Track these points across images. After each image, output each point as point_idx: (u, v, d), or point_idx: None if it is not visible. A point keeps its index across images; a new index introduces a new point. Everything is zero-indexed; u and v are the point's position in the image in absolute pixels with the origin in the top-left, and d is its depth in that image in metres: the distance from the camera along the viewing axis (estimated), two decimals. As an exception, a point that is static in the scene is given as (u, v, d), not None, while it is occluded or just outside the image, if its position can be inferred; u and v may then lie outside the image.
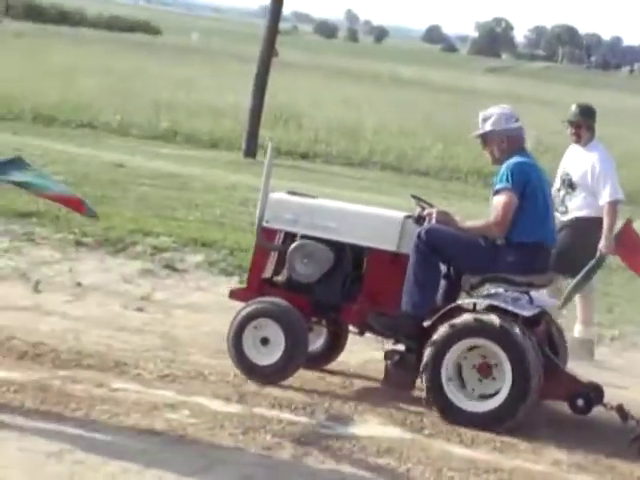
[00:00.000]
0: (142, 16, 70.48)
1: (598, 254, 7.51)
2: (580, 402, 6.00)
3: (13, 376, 5.80)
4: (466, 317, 5.89)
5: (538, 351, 5.90)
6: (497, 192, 6.16)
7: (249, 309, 6.32)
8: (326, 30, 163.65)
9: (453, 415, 5.87)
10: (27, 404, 5.42)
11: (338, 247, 6.40)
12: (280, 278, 6.53)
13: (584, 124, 7.85)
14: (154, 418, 5.42)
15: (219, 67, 39.15)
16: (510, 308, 5.90)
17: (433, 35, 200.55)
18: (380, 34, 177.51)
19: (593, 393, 6.04)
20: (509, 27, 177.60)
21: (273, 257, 6.57)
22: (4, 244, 8.79)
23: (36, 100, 19.97)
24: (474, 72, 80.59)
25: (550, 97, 49.89)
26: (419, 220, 6.35)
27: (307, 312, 6.40)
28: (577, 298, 7.78)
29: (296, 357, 6.24)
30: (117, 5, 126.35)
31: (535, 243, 6.13)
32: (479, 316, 5.89)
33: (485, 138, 6.33)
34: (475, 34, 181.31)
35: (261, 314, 6.28)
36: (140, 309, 7.66)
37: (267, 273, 6.57)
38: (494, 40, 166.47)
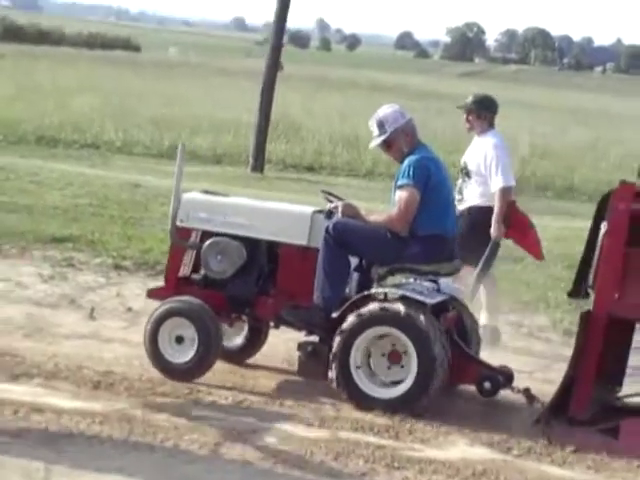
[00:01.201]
0: (117, 33, 70.32)
1: (491, 242, 7.61)
2: (487, 385, 6.17)
3: (95, 407, 5.75)
4: (371, 306, 6.07)
5: (444, 337, 6.06)
6: (399, 187, 6.33)
7: (163, 308, 6.45)
8: (299, 40, 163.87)
9: (361, 401, 6.06)
10: (115, 435, 5.37)
11: (251, 243, 6.55)
12: (196, 276, 6.65)
13: (475, 113, 7.90)
14: (243, 447, 5.37)
15: (205, 81, 39.08)
16: (415, 296, 6.07)
17: (405, 41, 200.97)
18: (353, 42, 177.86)
19: (502, 377, 6.21)
20: (480, 31, 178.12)
21: (189, 256, 6.69)
22: (47, 270, 8.73)
23: (37, 122, 19.87)
24: (448, 77, 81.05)
25: (528, 99, 50.24)
26: (329, 215, 6.50)
27: (223, 308, 6.54)
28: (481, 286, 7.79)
29: (209, 355, 6.37)
30: (87, 22, 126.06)
31: (436, 235, 6.32)
32: (384, 305, 6.06)
33: (389, 141, 6.48)
34: (447, 39, 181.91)
35: (175, 313, 6.40)
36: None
37: (183, 271, 6.69)
38: (466, 45, 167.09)
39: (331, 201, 6.64)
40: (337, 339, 6.10)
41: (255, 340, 6.96)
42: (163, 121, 22.26)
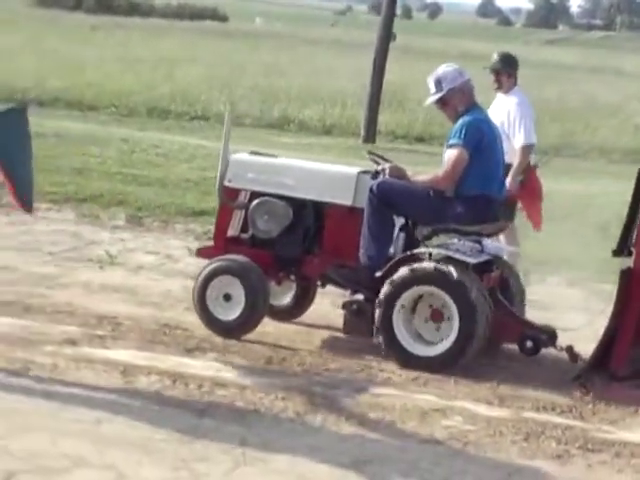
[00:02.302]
0: (203, 3, 70.57)
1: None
2: (529, 344, 6.22)
3: (275, 382, 5.75)
4: (414, 265, 6.12)
5: (486, 296, 6.10)
6: (449, 147, 6.36)
7: (211, 267, 6.54)
8: (380, 9, 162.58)
9: (404, 359, 6.13)
10: (300, 412, 5.35)
11: (297, 203, 6.61)
12: (244, 235, 6.72)
13: (504, 71, 7.93)
14: (431, 426, 5.31)
15: (295, 51, 39.05)
16: (457, 256, 6.11)
17: (487, 9, 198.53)
18: (434, 10, 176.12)
19: (545, 335, 6.25)
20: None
21: (237, 216, 6.76)
22: (192, 244, 8.72)
23: (146, 94, 20.02)
24: (535, 44, 79.80)
25: (621, 66, 49.24)
26: (375, 176, 6.52)
27: (270, 267, 6.61)
28: None
29: (256, 312, 6.47)
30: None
31: (482, 196, 6.33)
32: (426, 264, 6.12)
33: (445, 99, 6.48)
34: (529, 6, 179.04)
35: (222, 271, 6.48)
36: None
37: (231, 231, 6.77)
38: (549, 11, 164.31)
39: (378, 163, 6.68)
40: (380, 297, 6.17)
41: (303, 299, 7.06)
42: (267, 91, 22.29)
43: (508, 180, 7.50)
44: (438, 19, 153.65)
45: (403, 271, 6.13)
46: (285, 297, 7.04)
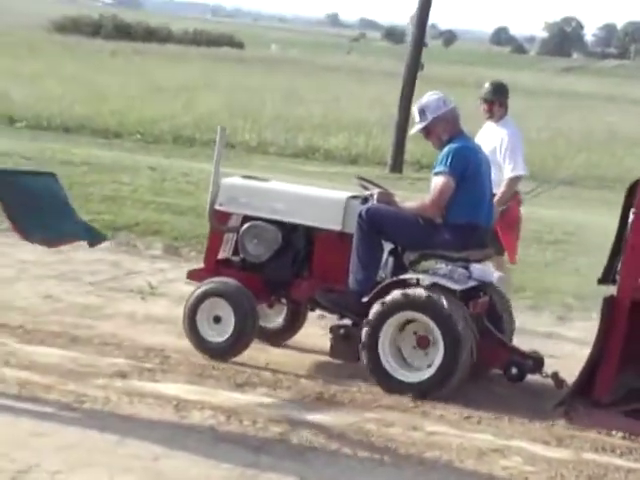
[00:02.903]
0: (217, 29, 70.89)
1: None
2: (514, 370, 6.30)
3: (327, 420, 5.70)
4: (400, 291, 6.17)
5: (471, 323, 6.14)
6: (436, 174, 6.41)
7: (202, 289, 6.62)
8: (394, 36, 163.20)
9: (388, 384, 6.18)
10: (357, 450, 5.29)
11: (287, 228, 6.70)
12: (234, 258, 6.82)
13: (496, 100, 7.95)
14: (490, 465, 5.25)
15: (313, 79, 39.17)
16: (443, 282, 6.18)
17: (501, 37, 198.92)
18: (449, 38, 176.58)
19: (532, 362, 6.32)
20: (579, 26, 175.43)
21: (228, 239, 6.84)
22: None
23: (170, 121, 20.07)
24: (551, 73, 79.90)
25: (637, 95, 49.24)
26: (365, 202, 6.59)
27: (260, 291, 6.69)
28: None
29: (245, 334, 6.54)
30: (184, 19, 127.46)
31: (469, 224, 6.39)
32: (412, 290, 6.16)
33: (428, 128, 6.55)
34: (543, 34, 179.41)
35: (213, 293, 6.56)
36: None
37: (222, 254, 6.86)
38: (563, 39, 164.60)
39: (367, 188, 6.74)
40: (367, 323, 6.22)
41: (294, 322, 7.14)
42: (290, 119, 22.34)
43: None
44: (453, 46, 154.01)
45: (395, 294, 6.18)
46: (276, 319, 7.14)
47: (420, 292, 6.15)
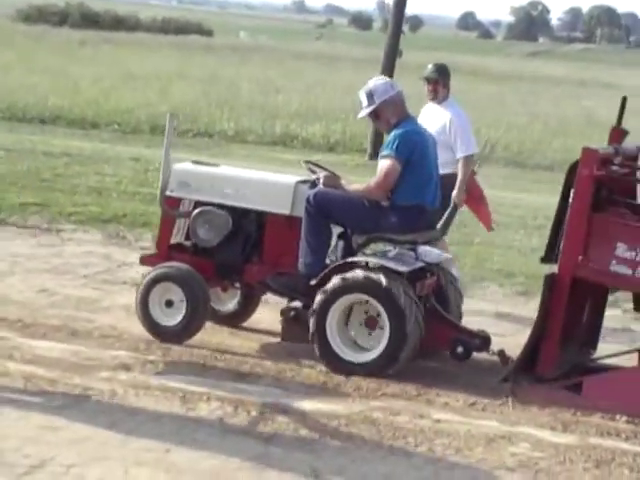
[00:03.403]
0: (185, 17, 70.51)
1: (452, 205, 7.77)
2: (459, 349, 6.41)
3: (336, 409, 5.72)
4: (347, 274, 6.26)
5: (417, 303, 6.25)
6: (382, 157, 6.49)
7: (154, 273, 6.68)
8: (361, 22, 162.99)
9: (336, 365, 6.30)
10: (367, 439, 5.32)
11: (237, 212, 6.75)
12: (186, 243, 6.90)
13: (441, 81, 8.05)
14: (499, 452, 5.29)
15: (288, 66, 39.06)
16: (389, 264, 6.27)
17: (467, 22, 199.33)
18: (415, 23, 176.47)
19: (479, 340, 6.45)
20: (545, 10, 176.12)
21: (179, 224, 6.91)
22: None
23: (146, 110, 19.95)
24: (517, 57, 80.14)
25: (605, 78, 49.50)
26: (313, 185, 6.65)
27: (212, 275, 6.77)
28: None
29: (197, 318, 6.63)
30: (150, 7, 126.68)
31: (416, 205, 6.48)
32: (359, 272, 6.25)
33: (377, 112, 6.59)
34: (510, 19, 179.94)
35: (164, 278, 6.62)
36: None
37: (174, 239, 6.94)
38: (530, 24, 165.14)
39: (314, 172, 6.78)
40: (314, 305, 6.31)
41: (248, 305, 7.23)
42: (266, 108, 22.28)
43: (455, 193, 7.77)
44: (419, 32, 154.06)
45: (335, 280, 6.27)
46: (230, 303, 7.23)
47: (360, 274, 6.24)
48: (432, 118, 7.95)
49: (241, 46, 52.58)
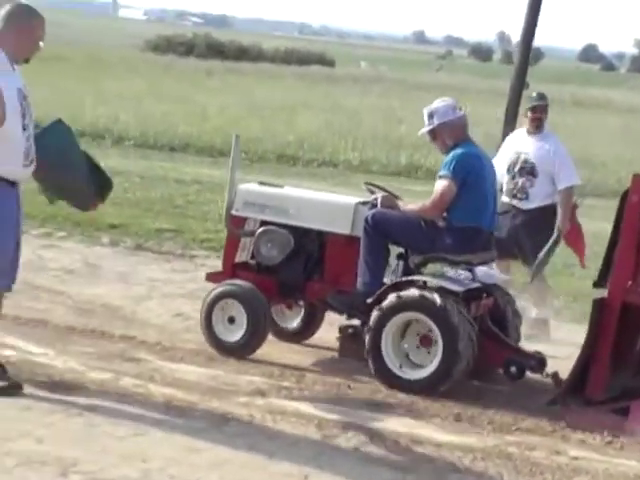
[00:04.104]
0: (306, 47, 71.38)
1: (556, 234, 7.86)
2: (513, 369, 6.52)
3: (469, 442, 5.71)
4: (403, 293, 6.40)
5: (470, 322, 6.37)
6: (439, 178, 6.64)
7: (217, 291, 6.92)
8: (481, 53, 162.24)
9: (390, 381, 6.44)
10: (503, 474, 5.30)
11: (299, 232, 6.94)
12: (251, 262, 7.08)
13: (546, 111, 8.17)
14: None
15: (409, 96, 39.09)
16: (444, 284, 6.43)
17: (589, 54, 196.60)
18: (536, 55, 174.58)
19: (534, 361, 6.55)
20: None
21: (244, 243, 7.10)
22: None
23: (273, 140, 20.25)
24: (639, 89, 78.56)
25: None
26: (372, 206, 6.82)
27: (274, 292, 6.99)
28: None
29: (257, 334, 6.83)
30: (272, 37, 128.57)
31: (472, 227, 6.59)
32: (415, 292, 6.39)
33: (435, 132, 6.76)
34: (633, 51, 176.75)
35: (227, 295, 6.85)
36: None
37: (239, 257, 7.15)
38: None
39: (373, 192, 6.96)
40: (370, 322, 6.45)
41: (311, 323, 7.40)
42: (389, 138, 22.37)
43: (560, 222, 7.88)
44: (540, 64, 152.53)
45: (391, 298, 6.41)
46: (294, 320, 7.42)
47: (415, 292, 6.39)
48: (534, 148, 8.07)
49: (362, 76, 52.90)
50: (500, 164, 8.08)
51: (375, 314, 6.46)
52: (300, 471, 5.09)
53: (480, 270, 6.80)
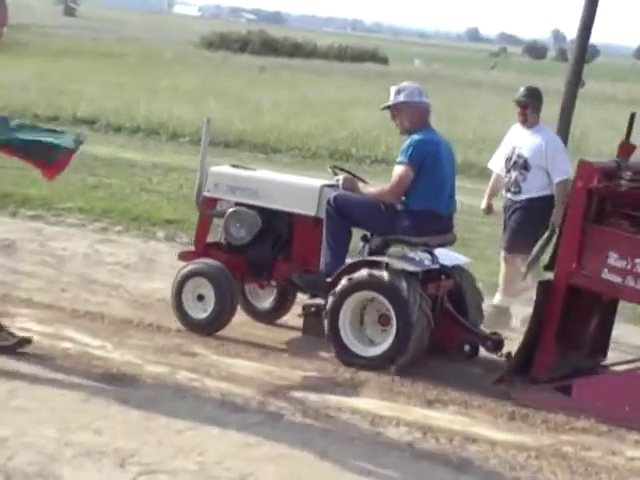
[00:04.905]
0: (358, 44, 71.30)
1: (551, 227, 7.76)
2: (467, 347, 6.82)
3: (524, 440, 5.69)
4: (359, 272, 6.60)
5: (426, 303, 6.57)
6: (397, 163, 6.81)
7: (187, 269, 7.15)
8: (535, 51, 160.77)
9: (346, 357, 6.66)
10: (557, 473, 5.28)
11: (267, 213, 7.14)
12: (221, 242, 7.32)
13: (530, 106, 8.16)
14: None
15: (463, 94, 38.97)
16: (398, 264, 6.61)
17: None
18: (592, 53, 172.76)
19: (489, 342, 6.81)
20: None
21: (215, 223, 7.38)
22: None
23: (326, 137, 20.27)
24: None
25: None
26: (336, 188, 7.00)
27: (243, 271, 7.25)
28: (504, 268, 8.33)
29: (225, 312, 7.04)
30: (325, 34, 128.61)
31: (429, 211, 6.77)
32: (369, 271, 6.58)
33: (397, 109, 6.93)
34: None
35: (196, 273, 7.07)
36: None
37: (211, 237, 7.43)
38: None
39: (336, 174, 7.14)
40: (329, 301, 6.69)
41: (283, 303, 7.61)
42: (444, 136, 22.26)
43: (554, 215, 7.85)
44: (596, 62, 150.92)
45: (343, 280, 6.63)
46: (267, 300, 7.63)
47: (363, 272, 6.58)
48: (526, 143, 8.13)
49: (416, 74, 52.72)
50: (499, 158, 8.37)
51: (330, 298, 6.67)
52: (354, 467, 5.11)
53: (440, 252, 7.00)
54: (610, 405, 6.09)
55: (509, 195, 8.23)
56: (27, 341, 6.22)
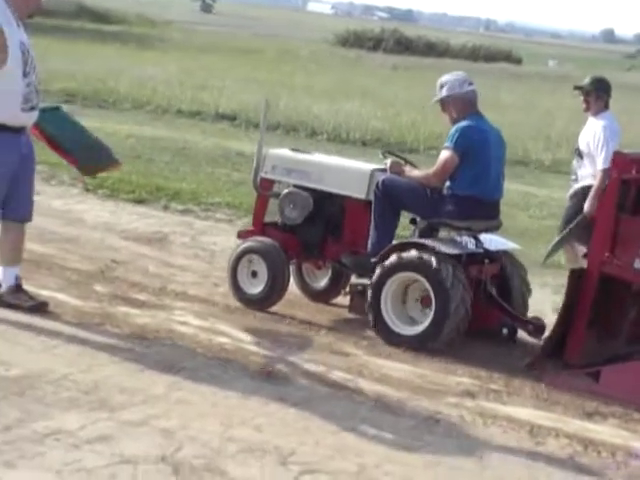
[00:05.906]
0: (492, 44, 70.48)
1: (581, 216, 7.94)
2: (505, 331, 7.13)
3: None
4: (402, 254, 6.78)
5: (463, 283, 6.67)
6: (443, 149, 6.98)
7: (243, 246, 7.45)
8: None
9: (386, 335, 6.85)
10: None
11: (319, 195, 7.36)
12: (277, 221, 7.55)
13: (592, 93, 8.23)
14: None
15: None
16: (439, 247, 6.74)
17: None
18: None
19: (531, 327, 6.95)
20: None
21: (273, 203, 7.55)
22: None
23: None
24: None
25: None
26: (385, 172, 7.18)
27: (296, 251, 7.49)
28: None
29: (276, 289, 7.30)
30: (457, 34, 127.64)
31: (472, 196, 6.88)
32: (404, 254, 6.77)
33: (442, 103, 7.19)
34: None
35: (251, 251, 7.35)
36: None
37: (268, 217, 7.64)
38: None
39: (386, 158, 7.32)
40: (372, 281, 6.87)
41: (337, 283, 7.79)
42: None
43: (587, 202, 7.94)
44: None
45: (392, 258, 6.78)
46: (322, 280, 7.84)
47: (413, 254, 6.73)
48: (585, 131, 8.24)
49: (550, 75, 51.84)
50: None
51: (377, 272, 6.83)
52: (514, 477, 5.00)
53: (485, 237, 7.15)
54: (636, 392, 6.14)
55: (571, 183, 8.40)
56: (44, 305, 6.54)
